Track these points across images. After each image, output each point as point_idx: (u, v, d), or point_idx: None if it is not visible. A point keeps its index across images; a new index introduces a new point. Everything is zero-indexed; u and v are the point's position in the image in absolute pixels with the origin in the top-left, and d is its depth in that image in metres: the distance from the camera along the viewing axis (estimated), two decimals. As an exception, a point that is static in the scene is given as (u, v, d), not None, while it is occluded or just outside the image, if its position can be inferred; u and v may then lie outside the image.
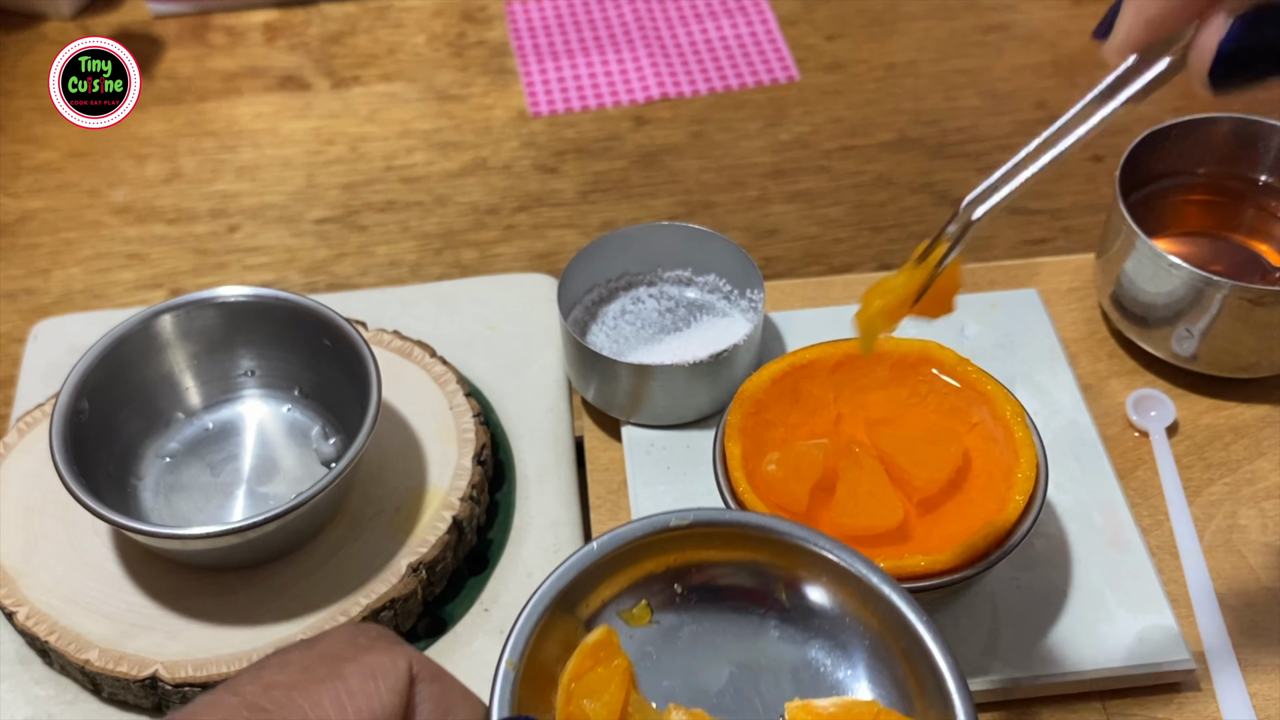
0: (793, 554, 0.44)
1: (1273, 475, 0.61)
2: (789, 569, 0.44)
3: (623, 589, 0.44)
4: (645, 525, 0.43)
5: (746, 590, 0.45)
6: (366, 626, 0.34)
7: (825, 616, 0.44)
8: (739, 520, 0.44)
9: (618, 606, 0.43)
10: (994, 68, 0.92)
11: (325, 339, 0.59)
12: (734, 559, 0.44)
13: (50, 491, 0.57)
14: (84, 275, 0.80)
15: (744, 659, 0.44)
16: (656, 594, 0.44)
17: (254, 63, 0.96)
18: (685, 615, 0.44)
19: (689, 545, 0.44)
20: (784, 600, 0.44)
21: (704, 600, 0.45)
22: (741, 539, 0.44)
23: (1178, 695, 0.54)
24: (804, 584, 0.44)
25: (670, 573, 0.44)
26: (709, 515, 0.43)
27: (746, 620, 0.45)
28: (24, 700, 0.54)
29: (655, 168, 0.86)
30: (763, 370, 0.56)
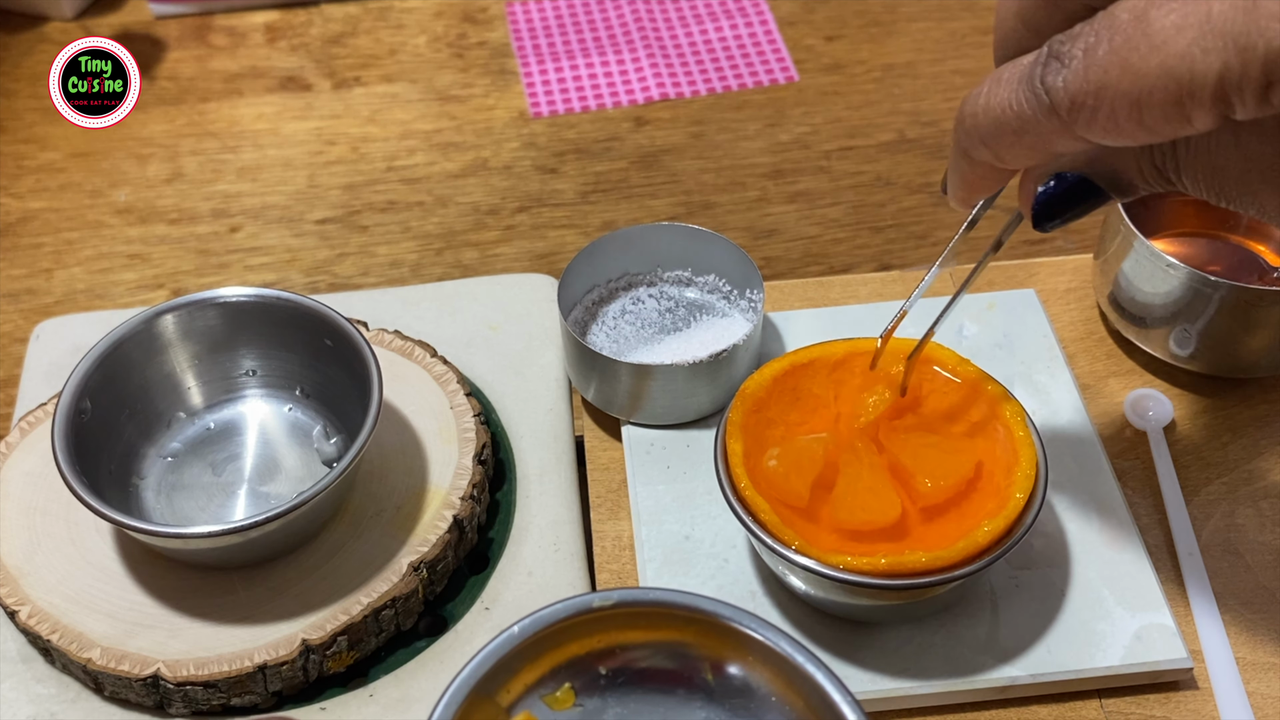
0: (719, 634, 0.43)
1: (1270, 475, 0.62)
2: (715, 649, 0.44)
3: (545, 673, 0.43)
4: (568, 607, 0.42)
5: (672, 671, 0.44)
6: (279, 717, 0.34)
7: (751, 697, 0.44)
8: (664, 600, 0.43)
9: (540, 691, 0.43)
10: (992, 69, 0.92)
11: (326, 339, 0.59)
12: (659, 639, 0.44)
13: (52, 491, 0.58)
14: (86, 275, 0.80)
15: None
16: (580, 677, 0.44)
17: (255, 63, 0.96)
18: (610, 698, 0.44)
19: (613, 626, 0.43)
20: (710, 681, 0.44)
21: (629, 682, 0.44)
22: (667, 619, 0.43)
23: (1175, 694, 0.54)
24: (730, 664, 0.44)
25: (594, 655, 0.44)
26: (633, 595, 0.43)
27: (671, 702, 0.44)
28: (26, 699, 0.54)
29: (655, 168, 0.86)
30: (764, 368, 0.56)
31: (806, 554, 0.49)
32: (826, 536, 0.51)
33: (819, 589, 0.52)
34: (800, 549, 0.49)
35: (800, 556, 0.49)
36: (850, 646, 0.54)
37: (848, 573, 0.48)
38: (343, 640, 0.53)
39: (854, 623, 0.54)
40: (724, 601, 0.43)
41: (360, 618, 0.54)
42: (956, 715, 0.54)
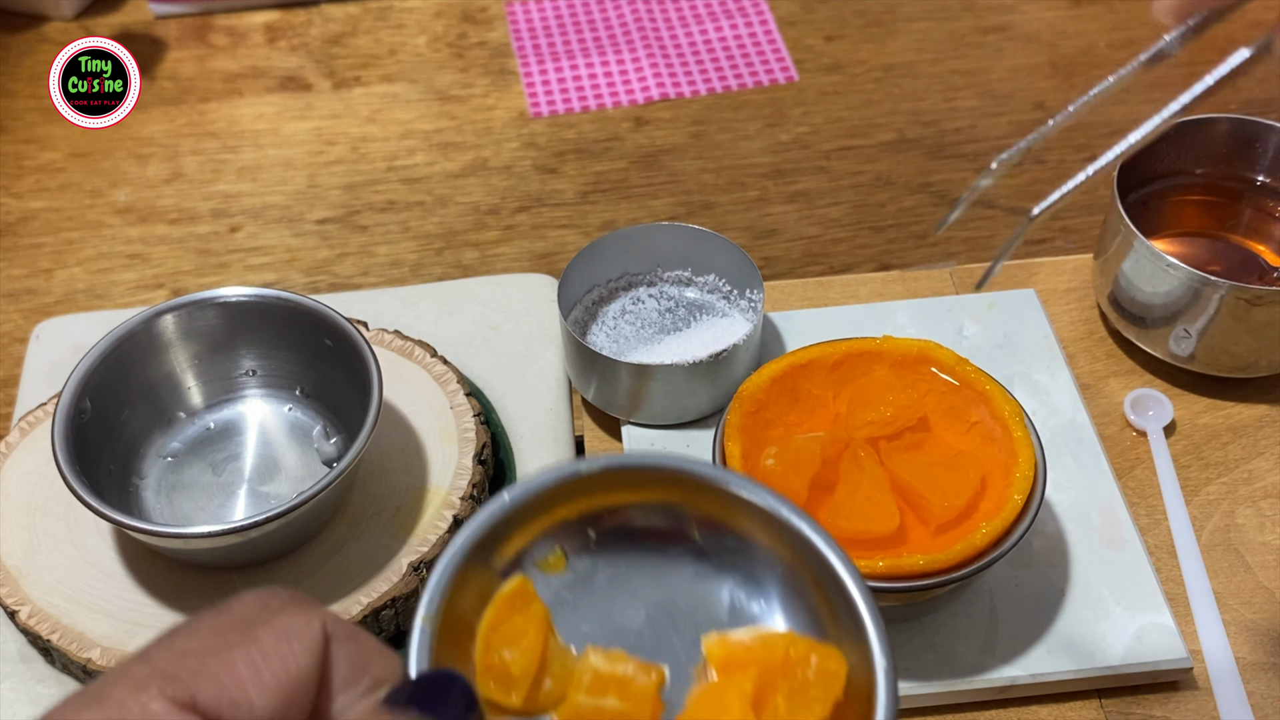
0: (704, 492, 0.44)
1: (1270, 474, 0.62)
2: (701, 507, 0.44)
3: (536, 537, 0.43)
4: (556, 474, 0.43)
5: (660, 531, 0.45)
6: (276, 589, 0.33)
7: (738, 551, 0.45)
8: (649, 463, 0.44)
9: (532, 556, 0.44)
10: (992, 69, 0.92)
11: (326, 339, 0.59)
12: (646, 500, 0.45)
13: (52, 491, 0.58)
14: (86, 275, 0.80)
15: (660, 598, 0.44)
16: (570, 540, 0.44)
17: (255, 63, 0.96)
18: (600, 559, 0.45)
19: (600, 490, 0.44)
20: (697, 538, 0.45)
21: (618, 543, 0.45)
22: (652, 481, 0.44)
23: (1175, 694, 0.54)
24: (716, 521, 0.44)
25: (583, 518, 0.44)
26: (619, 460, 0.44)
27: (661, 560, 0.45)
28: (26, 699, 0.54)
29: (655, 168, 0.86)
30: (762, 370, 0.56)
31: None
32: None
33: (819, 589, 0.52)
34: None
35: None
36: (850, 646, 0.54)
37: (847, 573, 0.48)
38: (343, 640, 0.53)
39: (854, 623, 0.54)
40: (707, 462, 0.44)
41: (360, 618, 0.54)
42: (957, 715, 0.54)
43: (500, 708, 0.39)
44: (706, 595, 0.44)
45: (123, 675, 0.29)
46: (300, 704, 0.31)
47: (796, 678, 0.41)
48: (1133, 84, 0.52)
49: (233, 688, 0.29)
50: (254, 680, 0.30)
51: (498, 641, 0.40)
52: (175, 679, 0.29)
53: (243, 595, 0.33)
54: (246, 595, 0.33)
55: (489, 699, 0.36)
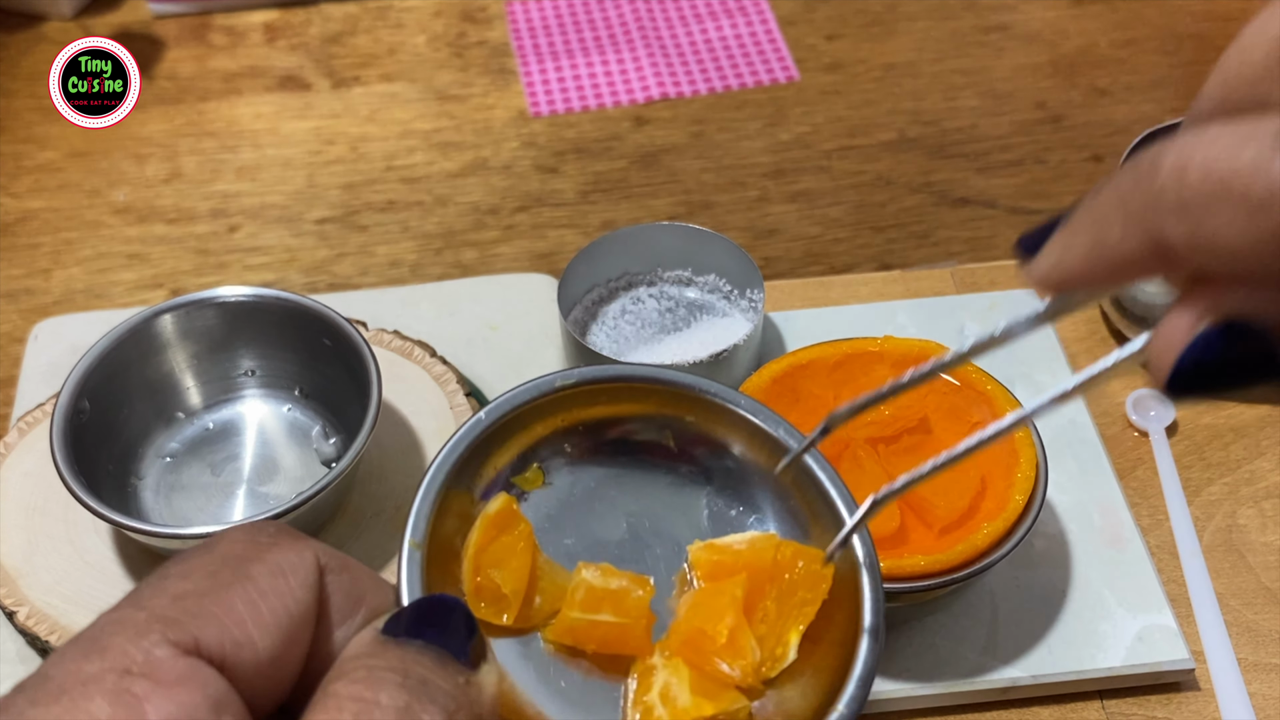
0: (678, 401, 0.44)
1: (1272, 475, 0.62)
2: (676, 416, 0.44)
3: (515, 456, 0.43)
4: (531, 388, 0.43)
5: (637, 443, 0.45)
6: (264, 524, 0.32)
7: (714, 459, 0.45)
8: (623, 374, 0.44)
9: (511, 474, 0.44)
10: (994, 68, 0.92)
11: (326, 339, 0.59)
12: (621, 413, 0.44)
13: (51, 491, 0.57)
14: (84, 275, 0.80)
15: (639, 508, 0.44)
16: (547, 456, 0.44)
17: (254, 63, 0.96)
18: (578, 473, 0.44)
19: (576, 404, 0.44)
20: (673, 447, 0.45)
21: (595, 456, 0.45)
22: (627, 393, 0.44)
23: (1177, 695, 0.54)
24: (691, 430, 0.44)
25: (559, 434, 0.44)
26: (594, 372, 0.44)
27: (638, 471, 0.45)
28: (25, 700, 0.54)
29: (655, 168, 0.86)
30: (763, 370, 0.56)
31: (807, 555, 0.49)
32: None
33: (820, 590, 0.51)
34: (800, 550, 0.49)
35: (801, 557, 0.48)
36: (851, 647, 0.53)
37: (848, 574, 0.48)
38: (342, 641, 0.53)
39: (855, 624, 0.54)
40: (682, 371, 0.44)
41: (359, 619, 0.54)
42: (958, 716, 0.53)
43: (493, 628, 0.39)
44: (685, 504, 0.44)
45: (120, 622, 0.28)
46: (300, 639, 0.30)
47: (784, 581, 0.41)
48: (1135, 83, 0.52)
49: (234, 628, 0.28)
50: (254, 619, 0.29)
51: (486, 562, 0.40)
52: (175, 623, 0.28)
53: (229, 532, 0.32)
54: (233, 531, 0.32)
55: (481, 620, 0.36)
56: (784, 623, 0.40)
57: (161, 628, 0.27)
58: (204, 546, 0.31)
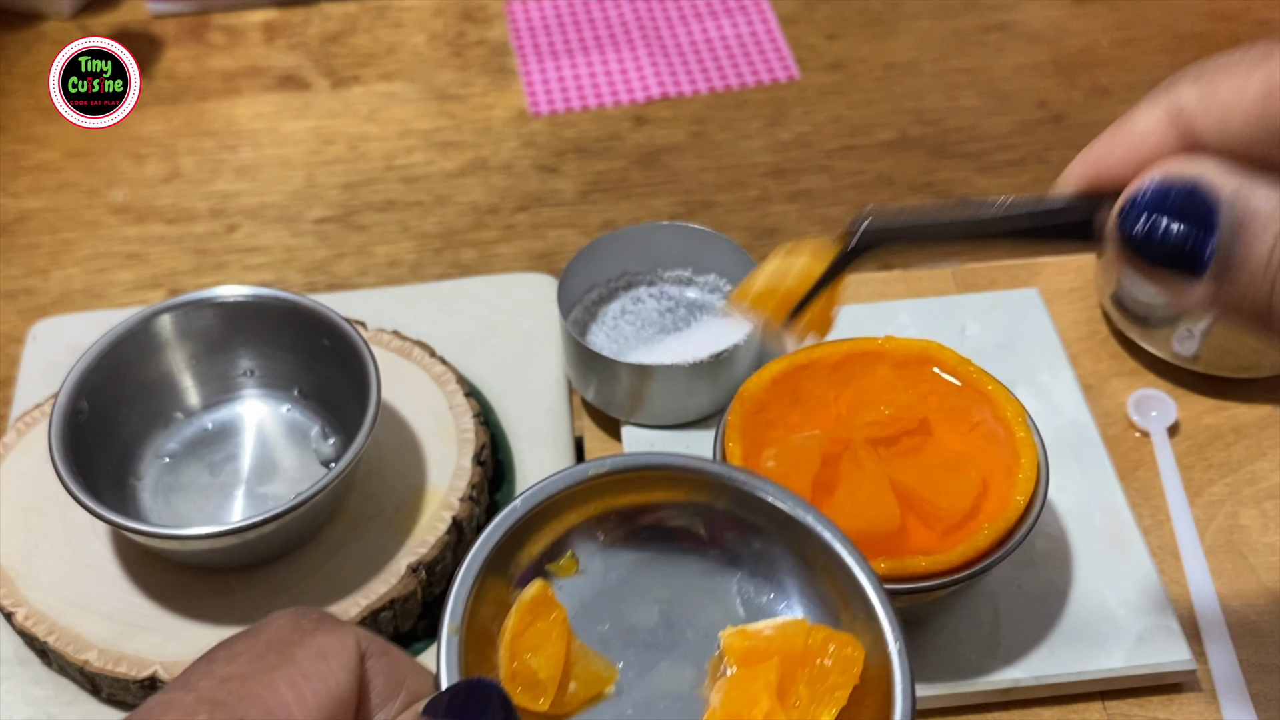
0: (708, 489, 0.45)
1: (1274, 475, 0.61)
2: (706, 503, 0.45)
3: (549, 543, 0.44)
4: (566, 477, 0.44)
5: (668, 529, 0.46)
6: (306, 610, 0.34)
7: (745, 545, 0.45)
8: (654, 463, 0.45)
9: (545, 561, 0.44)
10: (995, 67, 0.92)
11: (325, 339, 0.59)
12: (653, 500, 0.45)
13: (49, 491, 0.57)
14: (83, 275, 0.80)
15: (672, 595, 0.45)
16: (581, 543, 0.45)
17: (253, 62, 0.95)
18: (611, 560, 0.45)
19: (608, 492, 0.44)
20: (703, 534, 0.45)
21: (627, 543, 0.45)
22: (658, 480, 0.45)
23: (1178, 696, 0.54)
24: (722, 517, 0.45)
25: (593, 521, 0.45)
26: (626, 460, 0.44)
27: (670, 558, 0.45)
28: (23, 701, 0.54)
29: (655, 167, 0.86)
30: (763, 370, 0.56)
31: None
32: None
33: (820, 591, 0.51)
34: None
35: (801, 558, 0.48)
36: (852, 648, 0.53)
37: (848, 575, 0.48)
38: (341, 642, 0.53)
39: (855, 624, 0.54)
40: (711, 460, 0.45)
41: (358, 620, 0.53)
42: (959, 717, 0.53)
43: (529, 713, 0.39)
44: (717, 590, 0.45)
45: (169, 704, 0.29)
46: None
47: (816, 666, 0.41)
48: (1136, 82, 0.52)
49: (277, 709, 0.30)
50: (297, 701, 0.30)
51: (523, 647, 0.41)
52: (222, 704, 0.29)
53: (274, 617, 0.33)
54: (278, 617, 0.33)
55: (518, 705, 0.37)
56: (817, 707, 0.40)
57: (209, 709, 0.29)
58: (250, 631, 0.32)
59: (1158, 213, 0.30)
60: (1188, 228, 0.30)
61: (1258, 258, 0.29)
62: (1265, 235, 0.29)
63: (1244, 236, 0.29)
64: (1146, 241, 0.30)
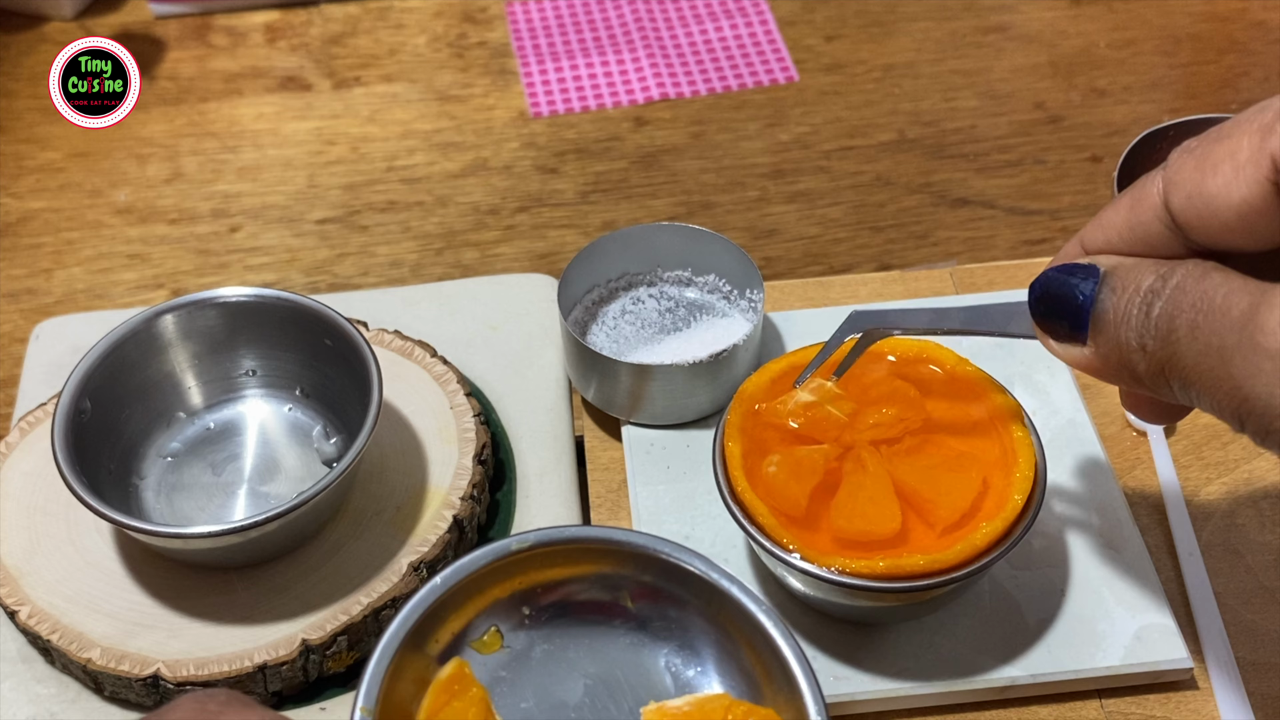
0: (635, 562, 0.45)
1: (1270, 475, 0.62)
2: (633, 576, 0.45)
3: (471, 619, 0.44)
4: (487, 553, 0.44)
5: (594, 603, 0.46)
6: (214, 692, 0.34)
7: (671, 619, 0.45)
8: (579, 536, 0.45)
9: (468, 637, 0.44)
10: (993, 68, 0.92)
11: (326, 339, 0.59)
12: (578, 574, 0.45)
13: (52, 491, 0.58)
14: (86, 275, 0.80)
15: (597, 670, 0.45)
16: (505, 619, 0.45)
17: (255, 63, 0.96)
18: (536, 635, 0.45)
19: (532, 566, 0.45)
20: (631, 608, 0.46)
21: (553, 618, 0.46)
22: (583, 554, 0.45)
23: (1176, 694, 0.54)
24: (648, 589, 0.45)
25: (517, 596, 0.45)
26: (549, 535, 0.44)
27: (596, 632, 0.46)
28: (26, 699, 0.54)
29: (655, 168, 0.86)
30: (763, 370, 0.56)
31: (804, 557, 0.49)
32: (825, 544, 0.51)
33: (818, 591, 0.52)
34: (796, 551, 0.49)
35: (798, 559, 0.49)
36: (850, 647, 0.54)
37: (845, 575, 0.48)
38: (343, 640, 0.53)
39: (854, 624, 0.54)
40: (634, 530, 0.45)
41: (360, 618, 0.54)
42: (957, 715, 0.54)
43: None
44: (643, 665, 0.45)
45: None
46: None
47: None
48: (1133, 84, 0.53)
49: None
50: None
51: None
52: None
53: (180, 701, 0.33)
54: (184, 700, 0.33)
55: None
56: None
57: None
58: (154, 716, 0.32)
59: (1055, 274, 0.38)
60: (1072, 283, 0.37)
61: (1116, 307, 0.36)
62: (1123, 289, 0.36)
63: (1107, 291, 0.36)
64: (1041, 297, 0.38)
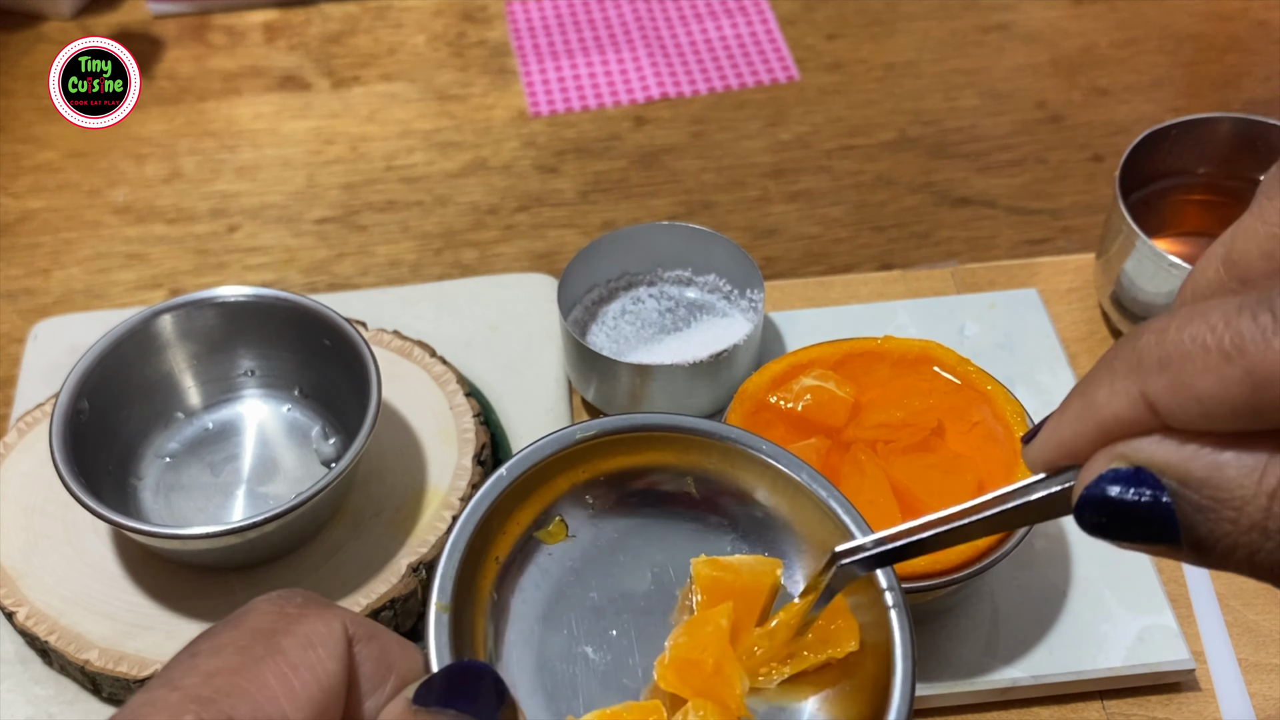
0: (699, 449, 0.44)
1: (1273, 475, 0.61)
2: (698, 464, 0.44)
3: (538, 511, 0.44)
4: (552, 442, 0.43)
5: (659, 492, 0.45)
6: (291, 593, 0.32)
7: (738, 505, 0.45)
8: (643, 424, 0.44)
9: (534, 529, 0.44)
10: (994, 68, 0.92)
11: (325, 339, 0.59)
12: (643, 464, 0.45)
13: (50, 491, 0.57)
14: (84, 275, 0.80)
15: (664, 558, 0.44)
16: (570, 509, 0.44)
17: (254, 62, 0.95)
18: (602, 526, 0.45)
19: (597, 456, 0.44)
20: (696, 496, 0.45)
21: (618, 509, 0.45)
22: (647, 441, 0.44)
23: (1177, 695, 0.54)
24: (713, 477, 0.44)
25: (581, 486, 0.44)
26: (614, 423, 0.44)
27: (662, 521, 0.45)
28: (24, 700, 0.54)
29: (655, 168, 0.86)
30: (763, 370, 0.56)
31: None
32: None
33: (820, 590, 0.51)
34: (800, 550, 0.49)
35: (801, 558, 0.48)
36: (851, 648, 0.53)
37: (848, 574, 0.48)
38: (341, 641, 0.53)
39: (855, 624, 0.54)
40: (699, 418, 0.44)
41: (359, 619, 0.54)
42: (958, 716, 0.53)
43: None
44: (709, 552, 0.44)
45: (154, 703, 0.28)
46: (333, 710, 0.30)
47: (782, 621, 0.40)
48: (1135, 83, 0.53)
49: (267, 704, 0.29)
50: (286, 693, 0.29)
51: None
52: (210, 702, 0.28)
53: (258, 604, 0.32)
54: (261, 603, 0.32)
55: None
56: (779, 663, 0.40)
57: (196, 708, 0.28)
58: (233, 620, 0.31)
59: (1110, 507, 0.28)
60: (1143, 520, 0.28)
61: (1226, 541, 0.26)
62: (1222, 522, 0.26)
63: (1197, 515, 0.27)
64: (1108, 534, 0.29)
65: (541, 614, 0.42)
